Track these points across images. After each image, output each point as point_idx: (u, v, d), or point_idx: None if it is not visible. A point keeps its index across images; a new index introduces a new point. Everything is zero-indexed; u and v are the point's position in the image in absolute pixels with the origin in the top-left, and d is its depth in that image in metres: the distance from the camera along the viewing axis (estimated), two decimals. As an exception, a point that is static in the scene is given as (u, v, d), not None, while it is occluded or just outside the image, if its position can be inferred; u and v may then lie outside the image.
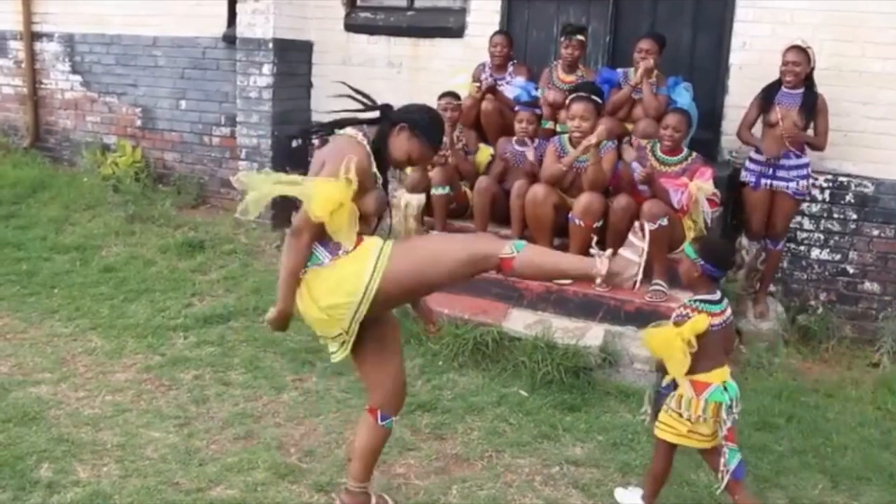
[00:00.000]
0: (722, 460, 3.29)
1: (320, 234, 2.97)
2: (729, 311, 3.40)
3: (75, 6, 8.70)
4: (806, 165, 5.45)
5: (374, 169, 3.08)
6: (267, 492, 3.59)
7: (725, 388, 3.30)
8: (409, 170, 5.77)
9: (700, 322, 3.26)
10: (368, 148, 3.06)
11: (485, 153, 5.88)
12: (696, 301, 3.34)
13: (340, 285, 2.95)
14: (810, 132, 5.43)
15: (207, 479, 3.66)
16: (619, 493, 3.70)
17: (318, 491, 3.62)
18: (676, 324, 3.31)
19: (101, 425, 4.11)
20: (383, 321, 3.22)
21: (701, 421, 3.30)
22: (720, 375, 3.32)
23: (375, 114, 3.17)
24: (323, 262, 2.99)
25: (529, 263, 2.95)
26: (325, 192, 2.88)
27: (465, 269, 3.00)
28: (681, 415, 3.33)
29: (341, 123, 3.15)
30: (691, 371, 3.29)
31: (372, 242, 3.01)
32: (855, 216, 5.79)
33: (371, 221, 3.14)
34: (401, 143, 3.11)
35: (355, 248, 2.98)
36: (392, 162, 3.18)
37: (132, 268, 6.44)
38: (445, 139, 5.80)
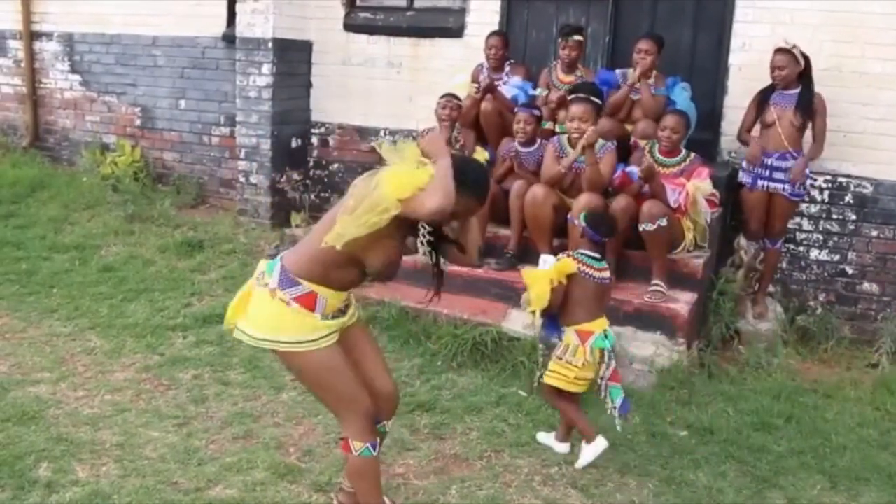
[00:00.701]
0: (607, 397, 3.86)
1: (294, 258, 2.95)
2: (607, 273, 3.95)
3: (75, 6, 8.70)
4: None
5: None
6: (266, 491, 3.59)
7: (606, 336, 3.85)
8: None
9: (567, 265, 3.84)
10: None
11: (480, 155, 5.83)
12: (577, 253, 3.92)
13: (263, 322, 2.95)
14: (808, 133, 5.44)
15: (206, 478, 3.66)
16: (540, 436, 4.10)
17: (316, 491, 3.62)
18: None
19: (100, 425, 4.11)
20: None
21: (588, 366, 3.81)
22: (600, 325, 3.86)
23: None
24: (270, 283, 2.93)
25: (353, 465, 3.12)
26: (393, 172, 2.80)
27: (332, 405, 3.11)
28: (569, 362, 3.82)
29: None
30: (574, 322, 3.85)
31: (321, 326, 2.93)
32: (854, 217, 5.79)
33: (366, 275, 2.98)
34: None
35: (307, 306, 2.90)
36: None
37: (131, 267, 6.44)
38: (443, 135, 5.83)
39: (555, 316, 3.93)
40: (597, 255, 3.91)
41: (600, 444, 3.83)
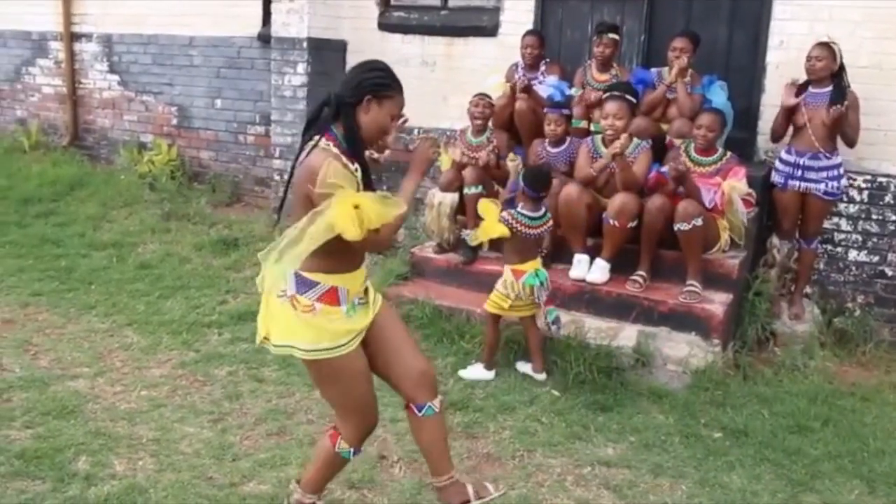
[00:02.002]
0: (544, 318, 4.68)
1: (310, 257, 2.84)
2: (547, 224, 4.77)
3: (113, 7, 8.85)
4: (837, 166, 5.35)
5: (355, 173, 2.88)
6: (299, 488, 3.61)
7: (536, 274, 4.63)
8: (443, 167, 5.76)
9: (503, 230, 4.61)
10: (338, 150, 2.84)
11: (513, 163, 5.78)
12: (517, 212, 4.64)
13: (290, 332, 2.89)
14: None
15: (240, 474, 3.70)
16: (463, 372, 4.78)
17: (349, 488, 3.63)
18: (501, 220, 4.64)
19: (137, 420, 4.17)
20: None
21: (522, 298, 4.63)
22: (532, 265, 4.67)
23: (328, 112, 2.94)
24: (287, 290, 2.87)
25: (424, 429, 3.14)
26: (338, 213, 2.70)
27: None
28: (507, 295, 4.64)
29: (312, 133, 2.92)
30: (511, 262, 4.69)
31: (345, 330, 2.90)
32: (894, 217, 5.68)
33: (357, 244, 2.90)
34: (375, 113, 2.89)
35: (332, 303, 2.87)
36: (377, 135, 2.95)
37: (168, 265, 6.53)
38: (478, 139, 5.82)
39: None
40: (535, 214, 4.67)
41: (487, 374, 4.76)
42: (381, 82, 2.90)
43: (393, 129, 3.00)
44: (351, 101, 2.88)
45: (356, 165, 2.90)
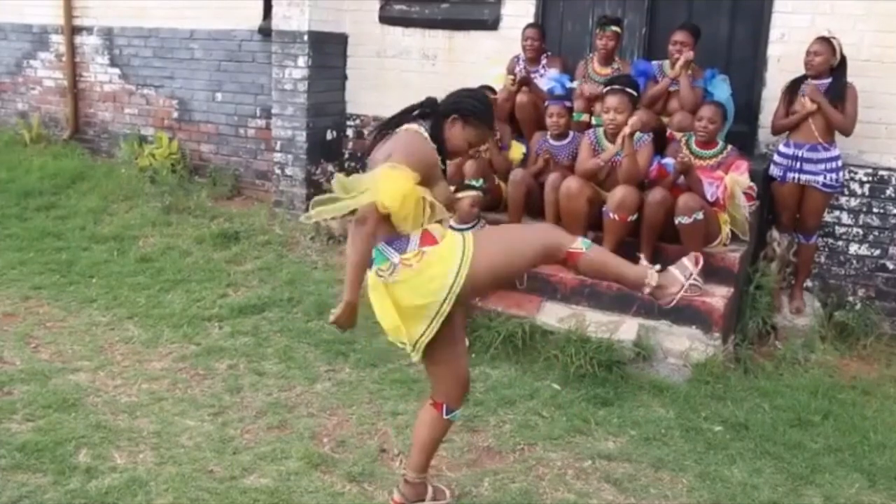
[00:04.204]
0: None
1: (385, 228, 2.98)
2: None
3: (114, 0, 8.81)
4: (836, 158, 5.35)
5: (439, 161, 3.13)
6: (299, 481, 3.62)
7: None
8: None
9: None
10: (427, 136, 3.11)
11: (517, 150, 5.82)
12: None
13: (425, 286, 2.94)
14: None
15: (241, 467, 3.70)
16: None
17: (350, 481, 3.64)
18: None
19: (138, 413, 4.17)
20: (456, 317, 3.13)
21: None
22: None
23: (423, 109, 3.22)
24: (392, 261, 2.95)
25: (592, 263, 3.06)
26: (392, 181, 2.89)
27: (536, 259, 3.11)
28: None
29: (397, 122, 3.16)
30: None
31: (454, 240, 3.01)
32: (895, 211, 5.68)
33: (439, 214, 3.12)
34: (457, 133, 3.16)
35: (433, 244, 2.98)
36: (451, 152, 3.22)
37: (168, 258, 6.52)
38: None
39: None
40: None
41: None
42: (473, 109, 3.17)
43: (465, 156, 3.31)
44: (442, 112, 3.16)
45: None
